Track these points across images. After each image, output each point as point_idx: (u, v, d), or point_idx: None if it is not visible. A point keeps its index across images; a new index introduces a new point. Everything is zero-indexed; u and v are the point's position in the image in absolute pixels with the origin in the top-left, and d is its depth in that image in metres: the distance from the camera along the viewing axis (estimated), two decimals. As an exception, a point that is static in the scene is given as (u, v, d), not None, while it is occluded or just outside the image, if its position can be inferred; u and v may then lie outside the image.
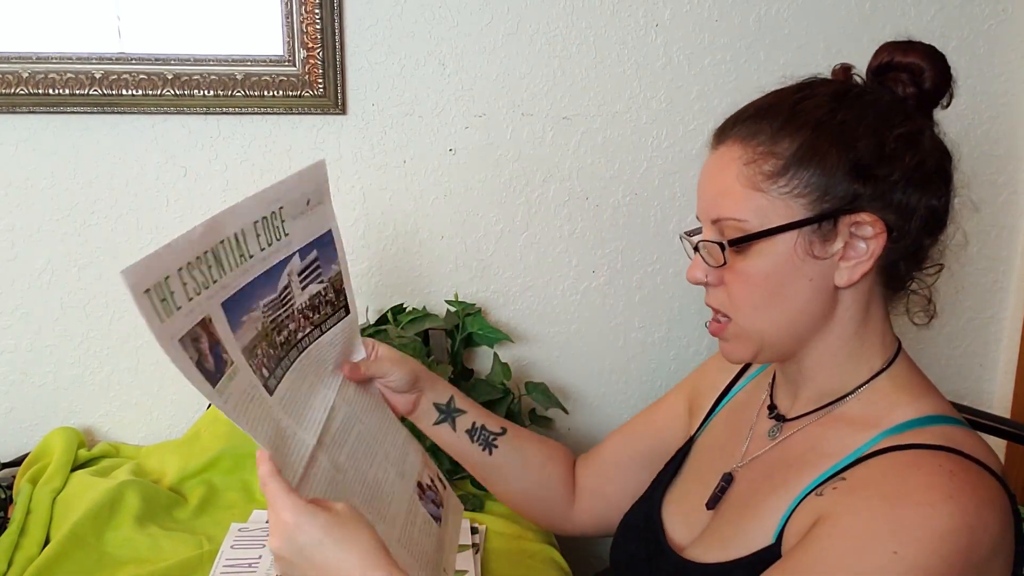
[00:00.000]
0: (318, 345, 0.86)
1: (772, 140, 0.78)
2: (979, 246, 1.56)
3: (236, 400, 0.72)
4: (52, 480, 1.22)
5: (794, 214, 0.77)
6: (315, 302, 0.86)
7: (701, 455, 0.97)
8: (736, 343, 0.83)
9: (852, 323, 0.81)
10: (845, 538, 0.70)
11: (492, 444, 1.02)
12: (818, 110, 0.78)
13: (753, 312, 0.80)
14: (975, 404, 1.56)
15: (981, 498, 0.70)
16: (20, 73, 1.27)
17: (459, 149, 1.40)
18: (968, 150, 1.55)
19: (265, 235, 0.78)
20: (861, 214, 0.76)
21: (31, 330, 1.36)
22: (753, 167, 0.78)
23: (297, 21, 1.30)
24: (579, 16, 1.38)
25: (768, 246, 0.77)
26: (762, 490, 0.83)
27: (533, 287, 1.48)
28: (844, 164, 0.76)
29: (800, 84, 0.83)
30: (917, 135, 0.79)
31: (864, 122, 0.77)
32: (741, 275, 0.79)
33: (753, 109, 0.81)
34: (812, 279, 0.78)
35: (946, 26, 1.46)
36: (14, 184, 1.32)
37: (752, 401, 0.95)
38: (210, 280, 0.71)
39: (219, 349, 0.71)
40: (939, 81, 0.82)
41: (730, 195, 0.79)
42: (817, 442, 0.82)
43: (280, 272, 0.80)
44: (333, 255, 0.87)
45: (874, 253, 0.77)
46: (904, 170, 0.77)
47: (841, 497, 0.73)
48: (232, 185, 1.36)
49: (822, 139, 0.77)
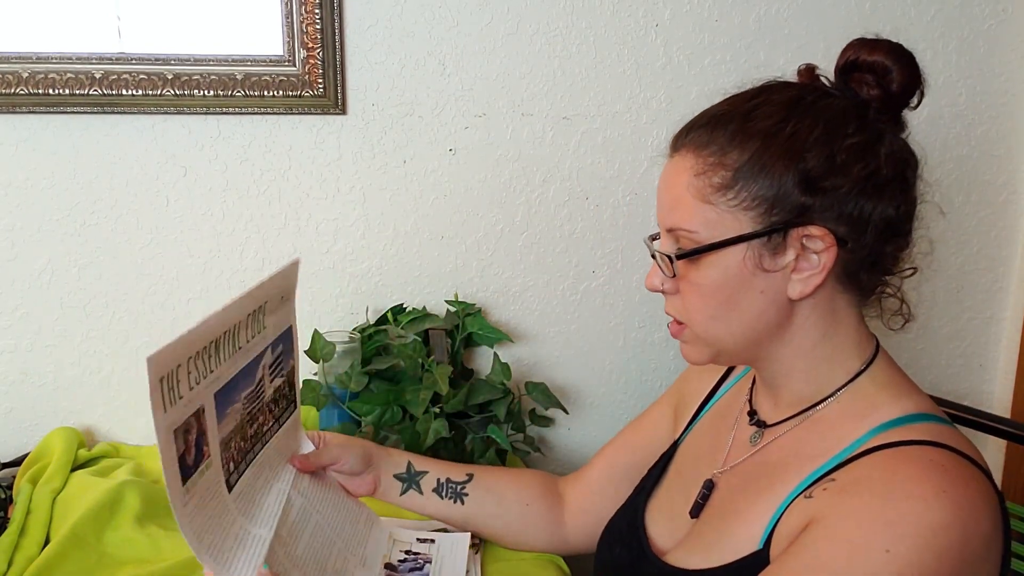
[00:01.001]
0: (276, 438, 0.88)
1: (722, 151, 0.77)
2: (979, 246, 1.56)
3: (199, 498, 0.71)
4: (52, 480, 1.22)
5: (742, 227, 0.76)
6: (277, 395, 0.88)
7: (684, 461, 0.97)
8: (693, 347, 0.85)
9: (815, 330, 0.80)
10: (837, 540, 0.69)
11: (462, 494, 1.04)
12: (768, 120, 0.77)
13: (708, 321, 0.81)
14: (975, 404, 1.56)
15: (974, 492, 0.70)
16: (20, 73, 1.27)
17: (459, 149, 1.40)
18: (968, 150, 1.56)
19: (250, 328, 0.79)
20: (810, 227, 0.75)
21: (31, 330, 1.36)
22: (703, 179, 0.77)
23: (297, 21, 1.30)
24: (579, 16, 1.38)
25: (718, 258, 0.77)
26: (745, 496, 0.82)
27: (533, 287, 1.48)
28: (793, 177, 0.75)
29: (758, 89, 0.82)
30: (872, 143, 0.77)
31: (814, 133, 0.76)
32: (694, 286, 0.80)
33: (707, 117, 0.81)
34: (763, 291, 0.78)
35: (946, 26, 1.46)
36: (14, 184, 1.32)
37: (733, 407, 0.95)
38: (208, 370, 0.71)
39: (202, 441, 0.71)
40: (906, 83, 0.78)
41: (681, 206, 0.79)
42: (799, 447, 0.81)
43: (257, 365, 0.82)
44: (291, 349, 0.91)
45: (826, 266, 0.76)
46: (855, 181, 0.75)
47: (831, 498, 0.72)
48: (232, 185, 1.36)
49: (771, 151, 0.75)
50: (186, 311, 1.39)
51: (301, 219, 1.39)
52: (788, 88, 0.81)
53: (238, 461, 0.79)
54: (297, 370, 0.93)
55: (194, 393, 0.69)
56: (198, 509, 0.71)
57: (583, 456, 1.55)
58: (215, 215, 1.37)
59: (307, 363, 1.28)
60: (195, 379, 0.69)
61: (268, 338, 0.84)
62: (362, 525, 0.96)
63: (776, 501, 0.78)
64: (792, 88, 0.81)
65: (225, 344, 0.74)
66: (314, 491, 0.92)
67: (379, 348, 1.32)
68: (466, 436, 1.30)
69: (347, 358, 1.27)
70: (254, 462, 0.83)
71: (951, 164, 1.52)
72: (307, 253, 1.40)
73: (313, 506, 0.90)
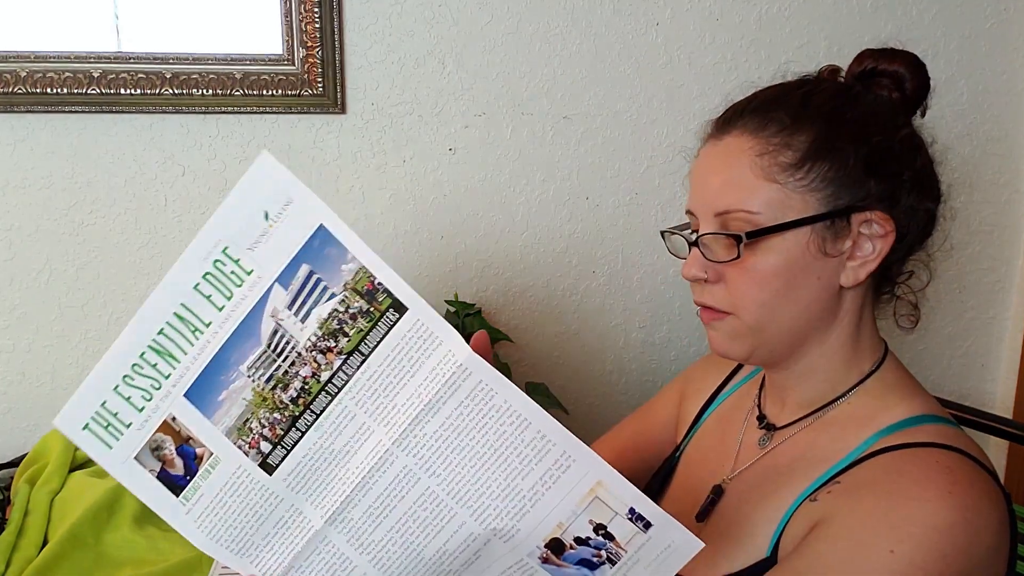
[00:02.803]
0: (366, 374, 0.65)
1: (788, 131, 0.75)
2: (981, 246, 1.56)
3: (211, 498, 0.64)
4: (50, 481, 1.22)
5: (810, 208, 0.75)
6: (334, 326, 0.65)
7: (689, 467, 0.96)
8: (732, 338, 0.80)
9: (851, 326, 0.80)
10: (841, 540, 0.69)
11: None
12: (829, 103, 0.77)
13: (759, 310, 0.77)
14: (977, 404, 1.56)
15: (980, 494, 0.69)
16: (18, 72, 1.26)
17: (459, 149, 1.40)
18: (969, 150, 1.56)
19: (218, 291, 0.65)
20: (874, 212, 0.75)
21: (29, 330, 1.36)
22: (768, 158, 0.75)
23: (296, 20, 1.30)
24: (579, 16, 1.38)
25: (781, 241, 0.75)
26: (753, 502, 0.81)
27: (533, 287, 1.47)
28: (859, 160, 0.75)
29: (801, 79, 0.82)
30: (917, 138, 0.79)
31: (875, 120, 0.77)
32: (749, 271, 0.76)
33: (759, 101, 0.79)
34: (820, 277, 0.76)
35: (946, 26, 1.45)
36: (12, 184, 1.31)
37: (739, 410, 0.93)
38: (161, 377, 0.63)
39: (188, 446, 0.64)
40: (919, 88, 0.81)
41: (741, 186, 0.76)
42: (808, 449, 0.80)
43: (258, 319, 0.65)
44: (340, 254, 0.64)
45: (881, 253, 0.76)
46: (913, 170, 0.77)
47: (836, 500, 0.72)
48: (231, 184, 1.35)
49: (838, 131, 0.75)
50: (185, 311, 1.39)
51: (300, 219, 1.39)
52: (827, 80, 0.82)
53: (279, 435, 0.65)
54: (378, 267, 0.63)
55: (147, 411, 0.62)
56: (211, 510, 0.65)
57: (583, 457, 1.55)
58: (214, 215, 1.36)
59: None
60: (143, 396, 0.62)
61: (265, 278, 0.64)
62: (532, 478, 0.64)
63: (783, 507, 0.77)
64: (831, 80, 0.82)
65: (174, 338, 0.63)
66: (448, 435, 0.64)
67: (378, 348, 1.32)
68: (466, 437, 1.29)
69: (346, 358, 1.27)
70: (320, 422, 0.65)
71: (953, 164, 1.51)
72: (306, 253, 1.40)
73: (432, 461, 0.65)
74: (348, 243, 0.64)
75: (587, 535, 0.65)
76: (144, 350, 0.63)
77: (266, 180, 0.64)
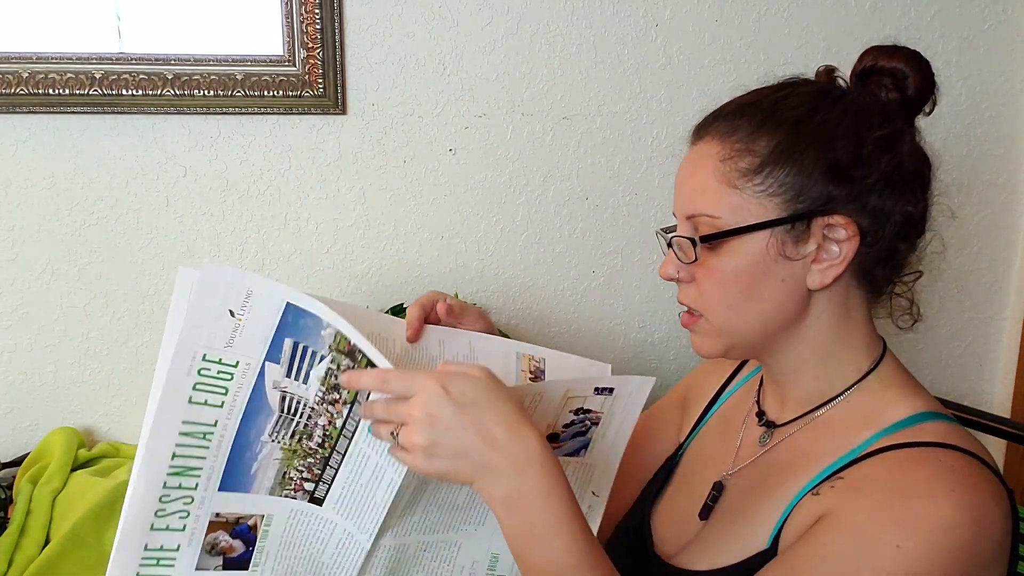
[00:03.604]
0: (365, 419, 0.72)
1: (750, 137, 0.77)
2: (979, 246, 1.56)
3: (276, 550, 0.67)
4: (52, 480, 1.22)
5: (768, 213, 0.76)
6: (333, 382, 0.70)
7: (691, 464, 0.96)
8: (707, 338, 0.83)
9: (829, 325, 0.80)
10: (847, 533, 0.69)
11: None
12: (798, 109, 0.78)
13: (725, 310, 0.80)
14: (975, 404, 1.56)
15: (984, 493, 0.70)
16: (20, 73, 1.27)
17: (459, 149, 1.40)
18: (968, 150, 1.56)
19: (213, 393, 0.66)
20: (835, 216, 0.76)
21: (31, 330, 1.36)
22: (729, 164, 0.77)
23: (297, 21, 1.30)
24: (579, 16, 1.38)
25: (740, 244, 0.77)
26: (754, 497, 0.82)
27: (533, 287, 1.48)
28: (821, 165, 0.75)
29: (782, 83, 0.82)
30: (896, 138, 0.78)
31: (843, 123, 0.77)
32: (713, 272, 0.79)
33: (733, 106, 0.81)
34: (784, 280, 0.78)
35: (946, 26, 1.46)
36: (14, 184, 1.32)
37: (741, 408, 0.94)
38: (191, 491, 0.65)
39: (241, 525, 0.66)
40: (922, 87, 0.81)
41: (705, 191, 0.79)
42: (809, 447, 0.81)
43: (262, 395, 0.68)
44: (316, 322, 0.68)
45: (846, 257, 0.76)
46: (881, 173, 0.76)
47: (840, 494, 0.72)
48: (232, 185, 1.36)
49: (800, 138, 0.76)
50: (186, 311, 1.39)
51: (301, 219, 1.39)
52: (812, 83, 0.82)
53: (317, 475, 0.69)
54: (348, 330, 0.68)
55: (189, 525, 0.63)
56: (279, 559, 0.67)
57: (583, 456, 1.55)
58: (215, 215, 1.37)
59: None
60: (181, 516, 0.63)
61: (253, 363, 0.67)
62: None
63: (784, 501, 0.78)
64: (816, 83, 0.82)
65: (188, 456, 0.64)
66: None
67: (379, 348, 1.32)
68: (466, 436, 1.30)
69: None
70: (346, 460, 0.69)
71: (951, 164, 1.52)
72: (307, 253, 1.40)
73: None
74: (319, 313, 0.68)
75: (571, 420, 0.78)
76: (164, 481, 0.64)
77: (218, 284, 0.66)
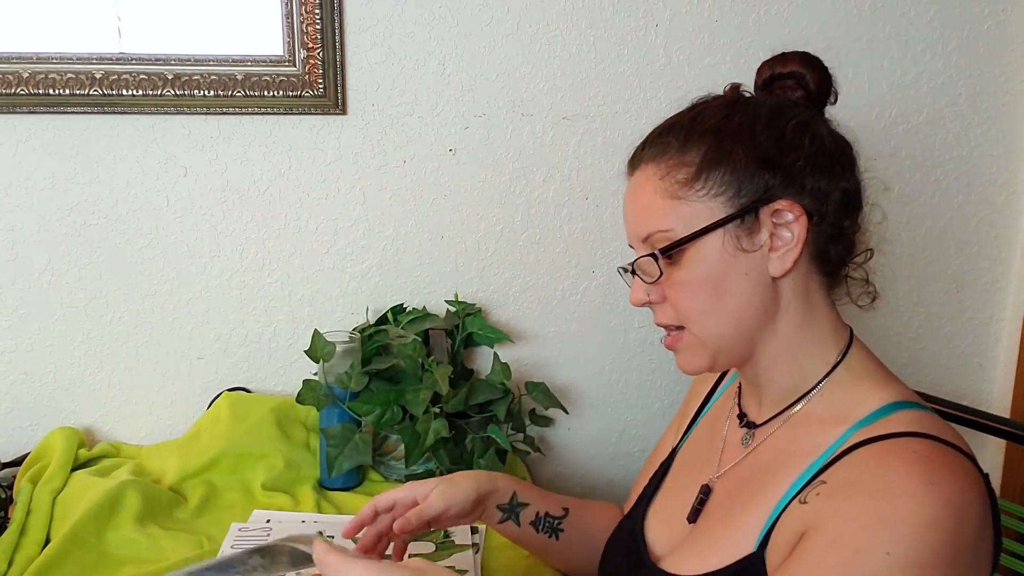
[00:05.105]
0: None
1: (680, 152, 0.82)
2: (979, 246, 1.56)
3: None
4: (52, 480, 1.22)
5: (715, 214, 0.80)
6: None
7: (681, 468, 0.98)
8: (691, 353, 0.85)
9: (797, 314, 0.83)
10: (836, 549, 0.70)
11: (558, 529, 1.03)
12: (715, 117, 0.83)
13: (702, 317, 0.82)
14: (974, 404, 1.56)
15: (960, 481, 0.71)
16: (20, 73, 1.27)
17: (459, 149, 1.40)
18: (968, 150, 1.57)
19: None
20: (778, 202, 0.79)
21: (31, 330, 1.36)
22: (668, 179, 0.81)
23: (297, 21, 1.30)
24: (579, 16, 1.38)
25: (698, 250, 0.80)
26: (740, 499, 0.83)
27: (533, 287, 1.48)
28: (751, 158, 0.80)
29: (694, 103, 0.88)
30: (812, 123, 0.83)
31: (760, 119, 0.82)
32: (680, 284, 0.82)
33: (656, 132, 0.86)
34: (747, 273, 0.80)
35: (946, 26, 1.46)
36: (14, 184, 1.32)
37: (724, 411, 0.96)
38: None
39: None
40: (822, 81, 0.86)
41: (653, 211, 0.82)
42: (789, 444, 0.83)
43: None
44: None
45: (799, 238, 0.80)
46: (808, 155, 0.80)
47: (825, 503, 0.73)
48: (232, 185, 1.36)
49: (725, 140, 0.81)
50: (186, 311, 1.39)
51: (301, 219, 1.39)
52: (722, 96, 0.88)
53: None
54: None
55: None
56: None
57: (583, 456, 1.55)
58: (215, 215, 1.37)
59: (307, 363, 1.28)
60: None
61: None
62: None
63: (770, 503, 0.79)
64: (725, 95, 0.88)
65: None
66: None
67: (379, 348, 1.32)
68: (466, 436, 1.30)
69: (347, 358, 1.27)
70: None
71: (951, 164, 1.53)
72: (307, 253, 1.40)
73: None
74: None
75: None
76: None
77: None
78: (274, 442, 1.31)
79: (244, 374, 1.43)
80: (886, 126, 1.49)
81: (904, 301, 1.57)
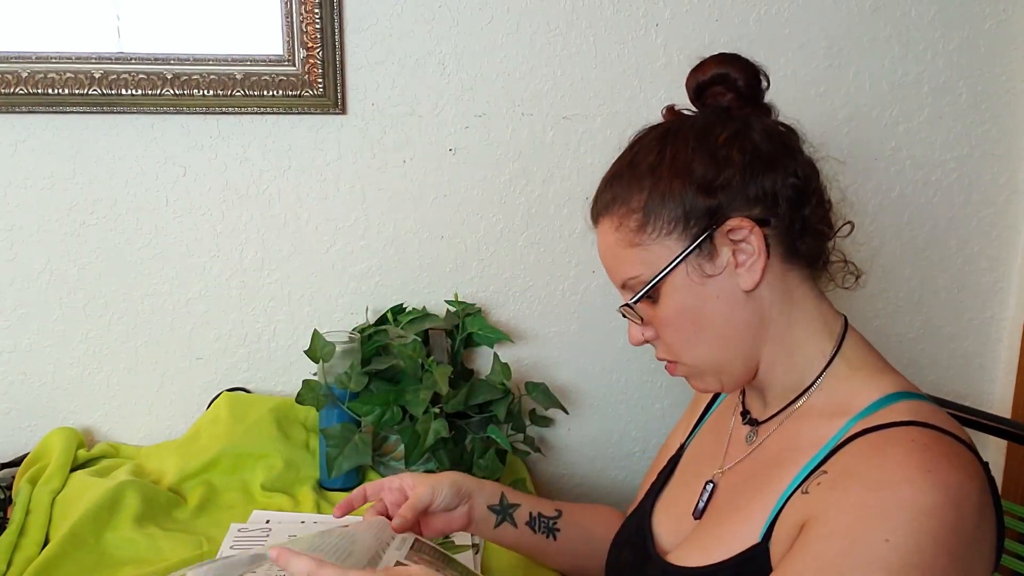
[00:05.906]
0: None
1: (625, 201, 0.84)
2: (980, 246, 1.56)
3: None
4: (51, 480, 1.22)
5: (673, 250, 0.82)
6: None
7: (689, 463, 0.99)
8: (696, 379, 0.88)
9: (783, 316, 0.84)
10: (837, 538, 0.71)
11: (554, 529, 1.04)
12: (648, 156, 0.85)
13: (691, 348, 0.85)
14: (975, 404, 1.56)
15: (959, 468, 0.72)
16: (19, 72, 1.26)
17: (459, 149, 1.40)
18: (968, 150, 1.56)
19: None
20: (728, 222, 0.80)
21: (30, 330, 1.36)
22: (622, 230, 0.84)
23: (297, 21, 1.30)
24: (579, 16, 1.38)
25: (669, 287, 0.83)
26: (745, 494, 0.84)
27: (533, 287, 1.48)
28: (689, 188, 0.81)
29: (631, 141, 0.90)
30: (741, 131, 0.83)
31: (690, 146, 0.83)
32: (664, 321, 0.84)
33: (603, 184, 0.90)
34: (719, 296, 0.82)
35: (946, 26, 1.46)
36: (13, 184, 1.32)
37: (729, 409, 0.97)
38: None
39: None
40: (748, 76, 0.86)
41: (619, 260, 0.86)
42: (792, 439, 0.84)
43: None
44: None
45: (760, 248, 0.80)
46: (741, 167, 0.81)
47: (826, 493, 0.74)
48: (231, 185, 1.36)
49: (661, 179, 0.83)
50: (186, 311, 1.39)
51: (301, 219, 1.39)
52: (656, 127, 0.89)
53: None
54: None
55: None
56: None
57: (583, 456, 1.55)
58: (215, 215, 1.37)
59: (307, 363, 1.28)
60: None
61: None
62: None
63: (774, 496, 0.80)
64: (660, 125, 0.89)
65: None
66: None
67: (379, 348, 1.32)
68: (466, 436, 1.30)
69: (347, 358, 1.27)
70: None
71: (952, 164, 1.52)
72: (307, 253, 1.40)
73: None
74: None
75: None
76: None
77: None
78: (274, 442, 1.30)
79: (243, 374, 1.43)
80: (887, 125, 1.49)
81: (905, 302, 1.56)
